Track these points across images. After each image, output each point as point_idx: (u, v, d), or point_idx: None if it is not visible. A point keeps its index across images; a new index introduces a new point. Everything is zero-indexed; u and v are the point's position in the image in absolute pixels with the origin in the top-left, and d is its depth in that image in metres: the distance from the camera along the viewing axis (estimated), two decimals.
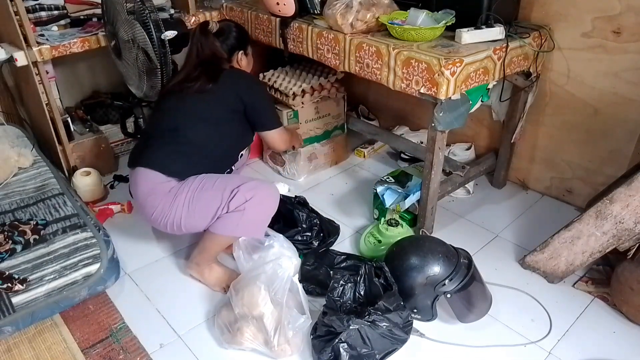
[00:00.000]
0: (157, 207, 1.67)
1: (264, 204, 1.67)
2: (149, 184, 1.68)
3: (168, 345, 1.61)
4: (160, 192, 1.67)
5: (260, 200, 1.65)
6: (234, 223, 1.64)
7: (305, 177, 2.48)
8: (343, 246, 2.01)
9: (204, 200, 1.65)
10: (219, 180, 1.69)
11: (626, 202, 1.57)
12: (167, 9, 2.37)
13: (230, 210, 1.63)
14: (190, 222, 1.68)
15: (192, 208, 1.66)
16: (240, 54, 1.94)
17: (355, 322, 1.45)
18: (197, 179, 1.69)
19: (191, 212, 1.66)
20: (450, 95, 1.65)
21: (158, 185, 1.67)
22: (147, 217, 1.74)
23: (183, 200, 1.65)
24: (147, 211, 1.71)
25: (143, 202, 1.71)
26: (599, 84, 1.93)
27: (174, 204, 1.66)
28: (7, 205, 1.97)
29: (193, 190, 1.66)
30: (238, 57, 1.94)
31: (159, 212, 1.68)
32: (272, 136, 1.94)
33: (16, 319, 1.51)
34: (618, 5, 1.78)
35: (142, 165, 1.71)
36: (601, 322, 1.66)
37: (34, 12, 2.18)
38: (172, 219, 1.67)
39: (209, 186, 1.67)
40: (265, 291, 1.54)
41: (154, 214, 1.69)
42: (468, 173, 2.13)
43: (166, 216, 1.67)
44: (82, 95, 2.74)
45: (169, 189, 1.67)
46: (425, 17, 1.76)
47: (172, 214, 1.67)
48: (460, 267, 1.59)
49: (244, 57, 1.96)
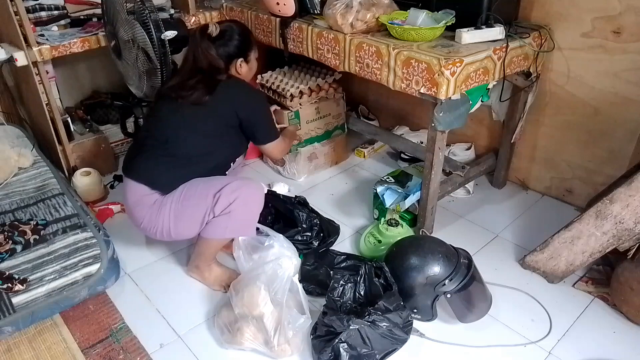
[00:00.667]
0: (145, 217, 1.69)
1: (249, 203, 1.67)
2: (135, 196, 1.70)
3: (168, 345, 1.61)
4: (146, 203, 1.69)
5: (244, 200, 1.64)
6: (222, 226, 1.65)
7: (306, 177, 2.48)
8: (343, 246, 2.01)
9: (189, 209, 1.65)
10: (201, 186, 1.67)
11: (626, 202, 1.57)
12: (167, 9, 2.37)
13: (217, 215, 1.63)
14: (179, 231, 1.70)
15: (179, 218, 1.66)
16: (240, 62, 1.81)
17: (355, 322, 1.45)
18: (179, 189, 1.68)
19: (178, 222, 1.67)
20: (450, 95, 1.65)
21: (144, 197, 1.69)
22: (137, 226, 1.76)
23: (168, 211, 1.66)
24: (136, 221, 1.74)
25: (131, 212, 1.74)
26: (599, 84, 1.93)
27: (160, 215, 1.67)
28: (7, 205, 1.97)
29: (176, 201, 1.66)
30: (237, 64, 1.81)
31: (146, 222, 1.70)
32: (268, 149, 1.89)
33: (16, 319, 1.51)
34: (618, 5, 1.78)
35: (130, 177, 1.72)
36: (601, 322, 1.66)
37: (34, 12, 2.18)
38: (161, 228, 1.69)
39: (192, 194, 1.66)
40: (265, 291, 1.54)
41: (142, 224, 1.72)
42: (468, 173, 2.13)
43: (154, 226, 1.69)
44: (82, 95, 2.74)
45: (154, 201, 1.68)
46: (425, 17, 1.76)
47: (159, 224, 1.68)
48: (460, 267, 1.59)
49: (244, 64, 1.83)
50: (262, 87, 2.40)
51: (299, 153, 2.40)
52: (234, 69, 1.81)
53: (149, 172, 1.70)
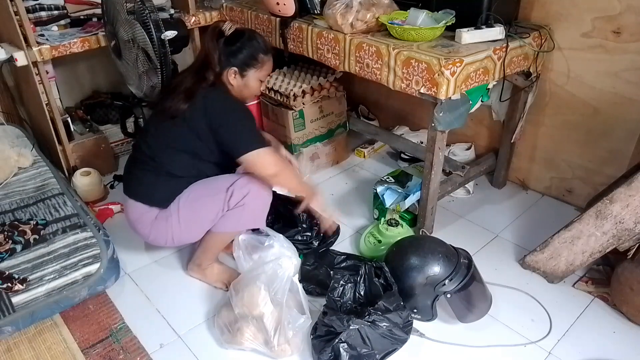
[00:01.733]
0: (151, 233, 1.71)
1: (261, 195, 1.67)
2: (135, 213, 1.71)
3: (168, 345, 1.61)
4: (148, 219, 1.69)
5: (257, 193, 1.65)
6: (236, 219, 1.66)
7: (307, 177, 2.47)
8: (343, 246, 2.01)
9: (201, 210, 1.65)
10: (208, 185, 1.68)
11: (626, 202, 1.57)
12: (167, 9, 2.37)
13: (231, 208, 1.64)
14: (191, 234, 1.71)
15: (190, 221, 1.67)
16: (234, 71, 1.65)
17: (356, 322, 1.45)
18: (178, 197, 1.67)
19: (190, 225, 1.67)
20: (450, 95, 1.65)
21: (144, 215, 1.69)
22: (143, 239, 1.76)
23: (177, 220, 1.66)
24: (143, 237, 1.76)
25: (134, 228, 1.75)
26: (599, 84, 1.93)
27: (168, 226, 1.67)
28: (7, 205, 1.97)
29: (183, 207, 1.66)
30: (231, 73, 1.66)
31: (153, 236, 1.72)
32: (252, 160, 1.58)
33: (16, 318, 1.51)
34: (618, 5, 1.78)
35: (127, 195, 1.73)
36: (601, 322, 1.66)
37: (34, 12, 2.18)
38: (171, 237, 1.70)
39: (200, 195, 1.66)
40: (265, 291, 1.54)
41: (150, 238, 1.74)
42: (468, 173, 2.13)
43: (163, 237, 1.70)
44: (82, 95, 2.74)
45: (155, 216, 1.68)
46: (425, 17, 1.76)
47: (169, 235, 1.69)
48: (460, 267, 1.59)
49: (238, 76, 1.67)
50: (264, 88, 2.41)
51: (301, 153, 2.40)
52: (226, 75, 1.67)
53: (144, 189, 1.70)
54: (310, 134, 2.40)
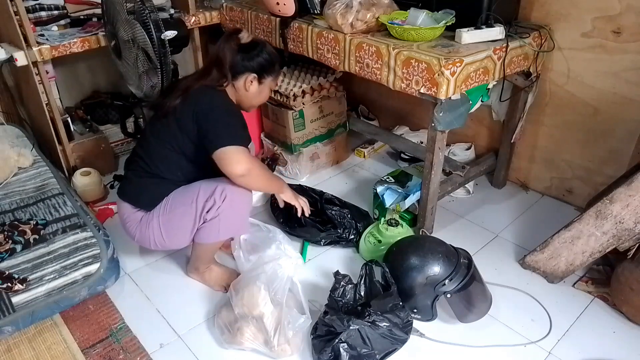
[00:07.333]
0: (136, 234, 1.71)
1: (235, 205, 1.61)
2: (123, 214, 1.72)
3: (168, 345, 1.61)
4: (134, 220, 1.69)
5: (230, 202, 1.59)
6: (214, 230, 1.64)
7: (307, 177, 2.47)
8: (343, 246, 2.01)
9: (176, 220, 1.64)
10: (185, 194, 1.64)
11: (626, 202, 1.57)
12: (167, 9, 2.37)
13: (207, 220, 1.62)
14: (172, 241, 1.70)
15: (168, 229, 1.66)
16: (252, 78, 1.65)
17: (356, 322, 1.45)
18: (163, 203, 1.66)
19: (168, 233, 1.67)
20: (450, 95, 1.65)
21: (130, 215, 1.70)
22: (132, 240, 1.76)
23: (157, 225, 1.66)
24: (130, 237, 1.75)
25: (124, 227, 1.75)
26: (599, 84, 1.93)
27: (149, 230, 1.67)
28: (7, 205, 1.97)
29: (162, 214, 1.65)
30: (249, 79, 1.65)
31: (139, 237, 1.72)
32: (219, 155, 1.51)
33: (16, 318, 1.51)
34: (618, 5, 1.78)
35: (117, 194, 1.75)
36: (601, 322, 1.66)
37: (34, 12, 2.18)
38: (154, 241, 1.69)
39: (177, 204, 1.64)
40: (265, 291, 1.54)
41: (136, 239, 1.73)
42: (468, 173, 2.13)
43: (147, 240, 1.70)
44: (82, 95, 2.74)
45: (140, 218, 1.69)
46: (425, 17, 1.76)
47: (151, 238, 1.68)
48: (460, 267, 1.59)
49: (255, 82, 1.66)
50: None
51: (301, 153, 2.40)
52: (242, 82, 1.66)
53: (131, 190, 1.71)
54: (310, 134, 2.40)
